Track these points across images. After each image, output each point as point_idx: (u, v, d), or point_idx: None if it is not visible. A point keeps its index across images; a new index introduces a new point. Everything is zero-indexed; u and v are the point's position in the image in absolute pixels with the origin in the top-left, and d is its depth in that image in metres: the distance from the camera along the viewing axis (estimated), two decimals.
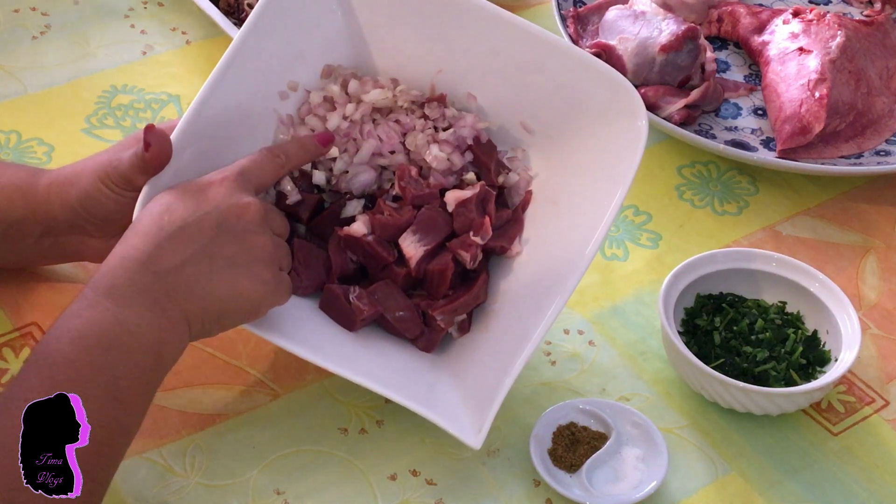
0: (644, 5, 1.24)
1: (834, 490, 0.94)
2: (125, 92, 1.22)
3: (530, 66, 0.99)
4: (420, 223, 0.97)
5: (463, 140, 1.01)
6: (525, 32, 0.99)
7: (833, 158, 1.19)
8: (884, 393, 1.01)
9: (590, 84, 0.97)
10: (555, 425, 0.94)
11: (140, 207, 0.89)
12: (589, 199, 0.96)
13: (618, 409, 0.96)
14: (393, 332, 0.96)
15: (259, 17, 0.97)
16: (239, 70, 0.96)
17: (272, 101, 1.00)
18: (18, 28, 1.28)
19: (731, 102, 1.26)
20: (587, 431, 0.94)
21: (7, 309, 1.00)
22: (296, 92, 1.01)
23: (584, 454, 0.92)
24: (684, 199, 1.17)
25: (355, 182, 1.00)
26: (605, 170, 0.96)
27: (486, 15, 0.99)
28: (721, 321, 1.00)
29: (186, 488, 0.89)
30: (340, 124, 1.00)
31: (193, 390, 0.95)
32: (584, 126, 0.98)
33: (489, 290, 0.98)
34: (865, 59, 1.24)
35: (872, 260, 1.13)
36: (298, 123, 1.01)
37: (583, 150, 0.98)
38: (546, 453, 0.93)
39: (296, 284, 0.95)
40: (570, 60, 0.98)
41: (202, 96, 0.94)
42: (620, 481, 0.92)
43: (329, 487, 0.90)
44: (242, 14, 1.26)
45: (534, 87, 1.00)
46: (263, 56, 0.98)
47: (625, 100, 0.95)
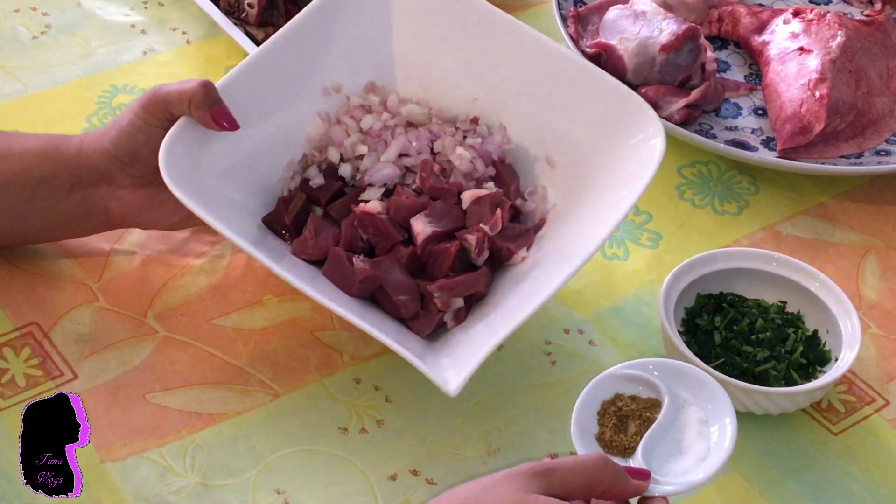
0: (644, 5, 1.24)
1: (834, 490, 0.94)
2: (125, 92, 1.22)
3: (561, 93, 1.03)
4: (434, 209, 0.99)
5: (488, 154, 1.04)
6: (562, 58, 1.03)
7: (833, 158, 1.19)
8: (884, 393, 1.01)
9: (613, 109, 1.01)
10: (598, 403, 0.84)
11: (164, 148, 0.93)
12: (598, 209, 0.98)
13: (666, 366, 0.85)
14: (390, 311, 0.96)
15: (317, 10, 1.04)
16: (291, 47, 1.03)
17: (314, 94, 1.05)
18: (19, 28, 1.28)
19: (732, 102, 1.26)
20: (636, 401, 0.84)
21: (7, 309, 1.00)
22: (338, 93, 1.06)
23: (636, 432, 0.82)
24: (684, 198, 1.17)
25: (378, 174, 1.03)
26: (617, 186, 0.98)
27: (526, 38, 1.04)
28: (721, 321, 1.00)
29: (186, 488, 0.89)
30: (374, 125, 1.05)
31: (193, 390, 0.95)
32: (604, 153, 1.00)
33: (491, 292, 0.98)
34: (866, 58, 1.24)
35: (872, 260, 1.13)
36: (335, 122, 1.05)
37: (600, 177, 1.00)
38: (594, 441, 0.83)
39: (303, 248, 0.97)
40: (600, 86, 1.02)
41: (252, 59, 1.01)
42: (684, 455, 0.82)
43: (329, 487, 0.90)
44: (243, 14, 1.26)
45: (561, 114, 1.03)
46: (314, 46, 1.05)
47: (644, 122, 0.99)
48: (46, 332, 0.98)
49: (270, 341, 0.99)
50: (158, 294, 1.02)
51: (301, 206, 1.00)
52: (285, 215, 1.00)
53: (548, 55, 1.04)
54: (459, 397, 0.96)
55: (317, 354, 0.99)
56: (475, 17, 1.06)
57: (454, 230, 0.99)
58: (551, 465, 0.76)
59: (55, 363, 0.96)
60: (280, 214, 1.00)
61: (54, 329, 0.98)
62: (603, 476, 0.77)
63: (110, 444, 0.91)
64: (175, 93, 0.95)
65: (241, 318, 1.01)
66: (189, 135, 0.96)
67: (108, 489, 0.88)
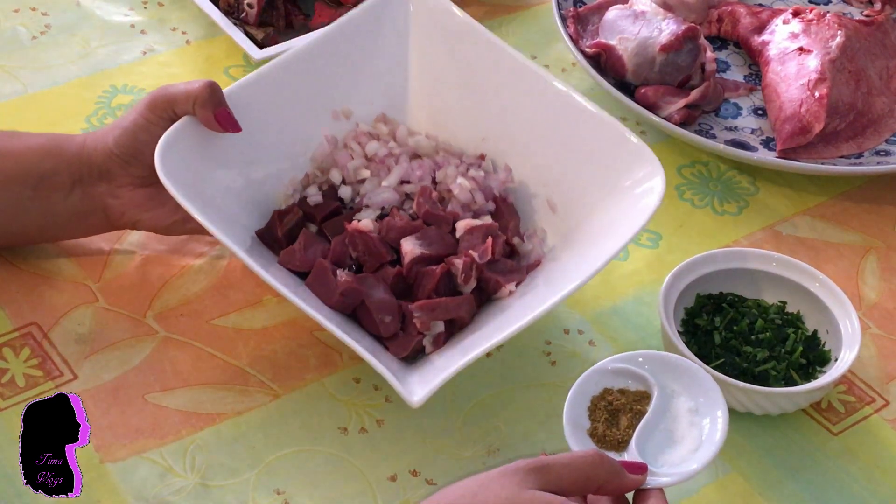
0: (644, 5, 1.24)
1: (834, 490, 0.94)
2: (125, 92, 1.22)
3: (571, 139, 1.03)
4: (426, 233, 0.99)
5: (489, 188, 1.04)
6: (576, 105, 1.03)
7: (833, 158, 1.19)
8: (884, 393, 1.01)
9: (621, 158, 1.00)
10: (587, 399, 0.84)
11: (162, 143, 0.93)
12: (592, 253, 0.96)
13: (652, 358, 0.86)
14: (370, 329, 0.95)
15: (337, 33, 1.05)
16: (305, 65, 1.04)
17: (323, 116, 1.06)
18: (18, 28, 1.28)
19: (731, 102, 1.26)
20: (626, 395, 0.84)
21: (7, 309, 1.00)
22: (347, 119, 1.07)
23: (628, 425, 0.83)
24: (684, 198, 1.17)
25: (377, 197, 1.02)
26: (617, 236, 0.96)
27: (541, 82, 1.04)
28: (721, 321, 1.00)
29: (186, 488, 0.89)
30: (379, 151, 1.05)
31: (193, 390, 0.95)
32: (607, 200, 1.00)
33: (474, 324, 0.97)
34: (865, 58, 1.24)
35: (872, 260, 1.13)
36: (341, 147, 1.05)
37: (599, 223, 1.00)
38: (587, 437, 0.83)
39: (290, 259, 0.97)
40: (610, 134, 1.01)
41: (263, 71, 1.02)
42: (678, 445, 0.82)
43: (329, 487, 0.90)
44: (242, 14, 1.26)
45: (569, 160, 1.03)
46: (329, 68, 1.06)
47: (647, 166, 0.98)
48: (46, 333, 0.98)
49: (270, 341, 0.99)
50: (158, 294, 1.02)
51: (296, 222, 1.00)
52: (279, 228, 0.99)
53: (561, 100, 1.04)
54: (459, 397, 0.96)
55: (316, 354, 0.99)
56: (491, 57, 1.06)
57: (444, 256, 0.98)
58: (547, 461, 0.76)
59: (55, 363, 0.96)
60: (274, 227, 1.00)
61: (54, 329, 0.98)
62: (598, 472, 0.77)
63: (110, 444, 0.91)
64: (181, 92, 0.96)
65: (240, 318, 1.01)
66: (189, 134, 0.96)
67: (108, 489, 0.88)
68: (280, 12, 1.28)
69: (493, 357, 1.00)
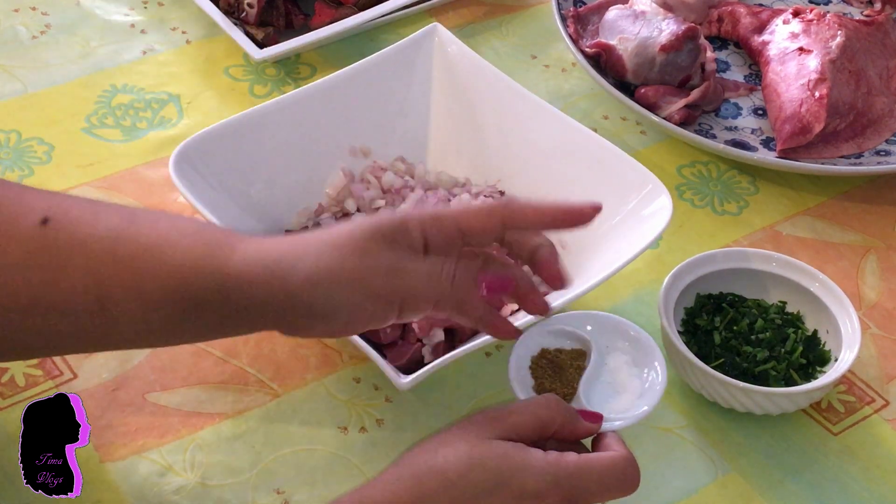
0: (644, 5, 1.24)
1: (834, 490, 0.94)
2: (125, 91, 1.22)
3: (588, 179, 1.03)
4: None
5: None
6: (593, 143, 1.04)
7: (833, 158, 1.19)
8: (884, 393, 1.01)
9: (634, 193, 1.00)
10: (528, 359, 0.85)
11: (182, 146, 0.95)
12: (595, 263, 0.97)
13: (581, 317, 0.88)
14: (369, 335, 0.95)
15: (365, 70, 1.07)
16: (332, 95, 1.06)
17: (341, 151, 1.07)
18: (18, 28, 1.28)
19: (731, 102, 1.26)
20: (564, 353, 0.86)
21: None
22: (366, 158, 1.08)
23: (572, 378, 0.84)
24: (684, 198, 1.17)
25: None
26: (622, 255, 0.96)
27: (558, 122, 1.05)
28: (721, 321, 1.00)
29: (186, 488, 0.89)
30: (394, 182, 1.05)
31: (193, 390, 0.95)
32: (619, 236, 0.99)
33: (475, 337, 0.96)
34: (865, 58, 1.24)
35: (872, 260, 1.13)
36: (358, 180, 1.06)
37: (606, 250, 0.99)
38: (532, 392, 0.83)
39: None
40: (626, 170, 1.02)
41: (292, 96, 1.04)
42: (623, 394, 0.84)
43: (329, 487, 0.90)
44: (242, 14, 1.26)
45: (580, 194, 1.02)
46: (352, 104, 1.07)
47: (654, 192, 0.99)
48: None
49: (270, 341, 0.99)
50: None
51: None
52: None
53: (576, 137, 1.05)
54: (459, 397, 0.96)
55: (316, 354, 0.99)
56: (508, 98, 1.07)
57: None
58: (504, 409, 0.78)
59: (55, 362, 0.96)
60: None
61: None
62: (554, 415, 0.78)
63: (110, 443, 0.91)
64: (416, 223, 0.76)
65: None
66: (207, 145, 0.98)
67: (108, 489, 0.88)
68: (280, 12, 1.28)
69: (493, 357, 1.00)
